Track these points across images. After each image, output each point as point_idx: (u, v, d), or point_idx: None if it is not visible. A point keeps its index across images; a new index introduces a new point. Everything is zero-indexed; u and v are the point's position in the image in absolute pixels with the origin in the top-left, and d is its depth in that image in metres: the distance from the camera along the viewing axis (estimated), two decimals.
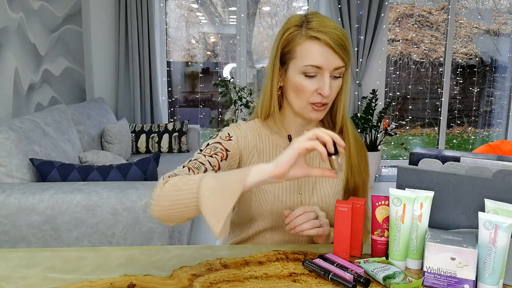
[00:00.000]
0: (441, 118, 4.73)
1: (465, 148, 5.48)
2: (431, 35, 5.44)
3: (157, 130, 3.66)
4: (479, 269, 0.80)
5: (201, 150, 1.03)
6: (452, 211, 0.90)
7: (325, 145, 0.81)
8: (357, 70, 4.20)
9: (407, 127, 5.35)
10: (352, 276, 0.82)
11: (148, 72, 3.95)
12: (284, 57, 1.04)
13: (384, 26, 4.25)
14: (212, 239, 2.82)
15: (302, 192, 1.11)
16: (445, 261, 0.81)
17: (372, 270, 0.85)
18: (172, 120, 4.55)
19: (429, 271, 0.83)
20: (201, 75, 4.91)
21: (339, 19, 4.05)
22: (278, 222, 1.10)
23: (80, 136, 2.77)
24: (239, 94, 3.82)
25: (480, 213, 0.80)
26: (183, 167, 0.97)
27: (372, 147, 4.09)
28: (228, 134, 1.09)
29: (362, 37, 4.13)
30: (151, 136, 3.63)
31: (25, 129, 2.04)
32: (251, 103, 3.78)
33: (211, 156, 1.01)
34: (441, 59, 5.12)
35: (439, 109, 4.74)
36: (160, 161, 3.13)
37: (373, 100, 4.06)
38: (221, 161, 1.03)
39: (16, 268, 0.90)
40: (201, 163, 0.99)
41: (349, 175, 1.12)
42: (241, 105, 3.80)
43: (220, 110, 4.93)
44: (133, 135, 3.62)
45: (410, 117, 5.15)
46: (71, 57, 3.44)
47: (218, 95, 4.04)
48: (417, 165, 1.00)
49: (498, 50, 5.28)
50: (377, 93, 4.09)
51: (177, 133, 3.67)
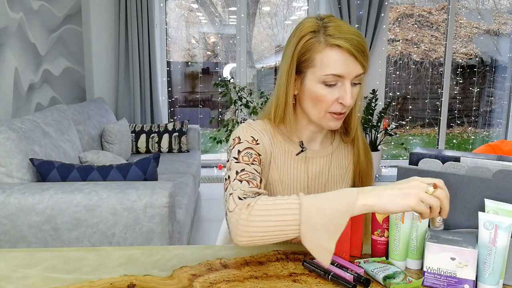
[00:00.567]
0: (441, 118, 4.72)
1: (465, 148, 5.48)
2: (431, 35, 5.45)
3: (157, 130, 3.66)
4: (479, 269, 0.80)
5: (236, 158, 0.97)
6: (452, 211, 0.90)
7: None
8: None
9: (407, 127, 5.36)
10: (352, 276, 0.82)
11: (148, 72, 3.95)
12: (300, 65, 0.98)
13: (384, 26, 4.25)
14: (212, 239, 2.80)
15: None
16: (445, 261, 0.81)
17: (372, 270, 0.85)
18: (172, 120, 4.55)
19: (429, 271, 0.83)
20: (201, 75, 4.91)
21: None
22: None
23: (80, 136, 2.77)
24: (239, 94, 3.81)
25: (480, 213, 0.80)
26: (241, 182, 0.92)
27: (372, 147, 4.09)
28: (253, 137, 1.02)
29: None
30: (151, 136, 3.63)
31: (25, 129, 2.04)
32: (251, 103, 3.78)
33: (253, 164, 0.97)
34: (441, 59, 5.12)
35: (439, 109, 4.74)
36: (160, 161, 3.14)
37: (373, 100, 4.06)
38: (258, 166, 0.99)
39: (16, 268, 0.90)
40: (251, 172, 0.94)
41: (357, 179, 1.14)
42: (241, 105, 3.80)
43: (220, 110, 4.94)
44: (133, 135, 3.62)
45: (410, 117, 5.15)
46: (71, 57, 3.44)
47: (218, 95, 4.04)
48: (417, 165, 1.00)
49: (498, 50, 5.28)
50: (377, 93, 4.09)
51: (177, 133, 3.67)
